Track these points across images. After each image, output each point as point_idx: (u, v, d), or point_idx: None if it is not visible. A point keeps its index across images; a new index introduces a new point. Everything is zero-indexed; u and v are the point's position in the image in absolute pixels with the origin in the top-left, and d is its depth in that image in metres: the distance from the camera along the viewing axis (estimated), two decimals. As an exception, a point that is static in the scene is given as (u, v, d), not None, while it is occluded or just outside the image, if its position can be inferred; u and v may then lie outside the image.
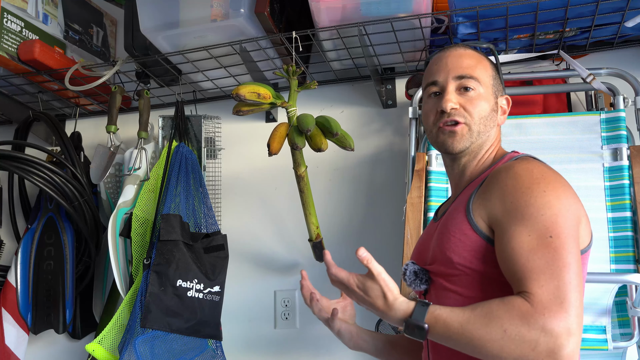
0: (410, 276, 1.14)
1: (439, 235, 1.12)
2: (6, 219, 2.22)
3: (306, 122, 1.58)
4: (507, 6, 1.61)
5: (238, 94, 1.56)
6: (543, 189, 1.00)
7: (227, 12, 1.73)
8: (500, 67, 1.24)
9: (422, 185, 1.70)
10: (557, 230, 0.97)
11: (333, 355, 1.92)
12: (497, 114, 1.20)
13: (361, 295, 1.04)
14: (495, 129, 1.20)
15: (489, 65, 1.21)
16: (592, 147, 1.64)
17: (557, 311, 0.90)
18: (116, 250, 1.80)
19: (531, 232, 0.97)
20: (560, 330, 0.89)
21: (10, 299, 1.97)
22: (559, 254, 0.95)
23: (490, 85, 1.19)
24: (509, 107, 1.24)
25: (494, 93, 1.20)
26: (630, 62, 1.82)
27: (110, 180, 2.08)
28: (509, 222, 1.00)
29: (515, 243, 0.98)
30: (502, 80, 1.24)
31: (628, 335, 1.48)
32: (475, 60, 1.19)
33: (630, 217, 1.55)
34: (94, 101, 2.20)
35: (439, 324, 0.97)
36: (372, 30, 1.74)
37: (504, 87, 1.25)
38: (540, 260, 0.95)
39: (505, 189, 1.03)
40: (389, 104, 2.03)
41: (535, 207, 0.99)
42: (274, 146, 1.62)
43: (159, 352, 1.65)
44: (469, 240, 1.06)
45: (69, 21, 2.08)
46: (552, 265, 0.94)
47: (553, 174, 1.05)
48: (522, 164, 1.06)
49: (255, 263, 2.05)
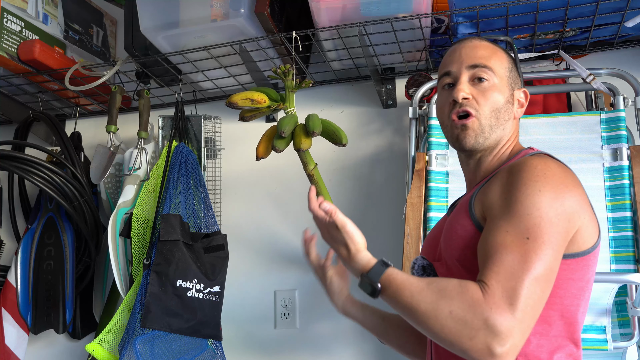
0: (419, 270, 1.13)
1: (445, 232, 1.12)
2: (6, 219, 2.22)
3: (281, 125, 1.57)
4: (507, 6, 1.61)
5: (231, 102, 1.59)
6: (539, 188, 0.97)
7: (227, 12, 1.73)
8: (518, 61, 1.23)
9: (422, 185, 1.70)
10: (536, 233, 0.94)
11: (333, 356, 1.92)
12: (513, 107, 1.16)
13: (328, 239, 1.09)
14: (512, 122, 1.16)
15: (505, 57, 1.18)
16: (592, 147, 1.64)
17: (504, 310, 0.89)
18: (116, 250, 1.80)
19: (511, 230, 0.96)
20: (500, 328, 0.88)
21: (10, 299, 1.97)
22: (528, 258, 0.93)
23: (505, 77, 1.15)
24: (527, 100, 1.19)
25: (509, 85, 1.16)
26: (630, 62, 1.81)
27: (110, 180, 2.08)
28: (497, 215, 0.99)
29: (492, 236, 0.97)
30: (520, 74, 1.21)
31: (628, 335, 1.48)
32: (490, 51, 1.16)
33: (630, 217, 1.55)
34: (94, 101, 2.20)
35: (392, 287, 0.98)
36: (372, 30, 1.74)
37: (522, 80, 1.22)
38: (508, 258, 0.93)
39: (504, 182, 1.02)
40: (389, 104, 2.03)
41: (524, 205, 0.97)
42: (260, 150, 1.65)
43: (159, 352, 1.65)
44: (466, 232, 1.05)
45: (69, 21, 2.08)
46: (516, 267, 0.92)
47: (559, 174, 1.01)
48: (532, 159, 1.03)
49: (255, 263, 2.05)
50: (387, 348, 1.74)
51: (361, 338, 1.90)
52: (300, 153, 1.64)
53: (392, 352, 1.72)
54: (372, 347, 1.89)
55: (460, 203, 1.15)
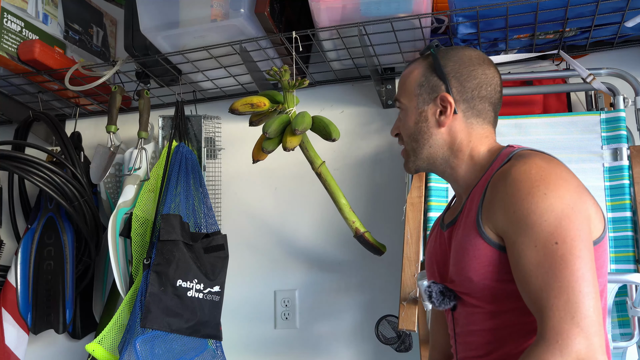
0: (438, 297, 1.11)
1: (455, 254, 1.09)
2: (6, 219, 2.22)
3: (265, 126, 1.59)
4: (507, 6, 1.61)
5: (232, 109, 1.62)
6: (544, 192, 0.96)
7: (227, 12, 1.72)
8: (439, 62, 1.16)
9: (422, 185, 1.70)
10: (562, 234, 0.94)
11: (333, 356, 1.92)
12: (429, 121, 1.15)
13: None
14: (439, 134, 1.15)
15: (417, 74, 1.18)
16: (592, 147, 1.64)
17: (570, 330, 0.88)
18: (116, 250, 1.80)
19: (537, 242, 0.95)
20: (578, 350, 0.88)
21: (10, 299, 1.97)
22: (565, 262, 0.92)
23: (413, 98, 1.17)
24: (447, 102, 1.14)
25: (417, 104, 1.16)
26: (630, 62, 1.81)
27: (110, 180, 2.08)
28: (515, 234, 0.97)
29: (524, 260, 0.96)
30: (442, 76, 1.15)
31: (628, 335, 1.48)
32: (402, 80, 1.21)
33: (630, 217, 1.55)
34: (94, 101, 2.20)
35: None
36: (372, 30, 1.74)
37: (445, 81, 1.14)
38: (547, 274, 0.92)
39: (506, 198, 1.00)
40: (389, 104, 2.03)
41: (538, 213, 0.96)
42: (255, 153, 1.68)
43: (159, 352, 1.65)
44: (483, 255, 1.03)
45: (69, 21, 2.08)
46: (559, 277, 0.91)
47: (553, 170, 1.00)
48: (519, 166, 1.01)
49: (255, 263, 2.05)
50: (387, 348, 1.74)
51: (361, 338, 1.91)
52: (304, 152, 1.64)
53: (392, 352, 1.73)
54: (372, 347, 1.89)
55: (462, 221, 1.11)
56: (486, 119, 1.17)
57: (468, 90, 1.15)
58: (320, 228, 2.02)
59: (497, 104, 1.18)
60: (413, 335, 1.67)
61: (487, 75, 1.16)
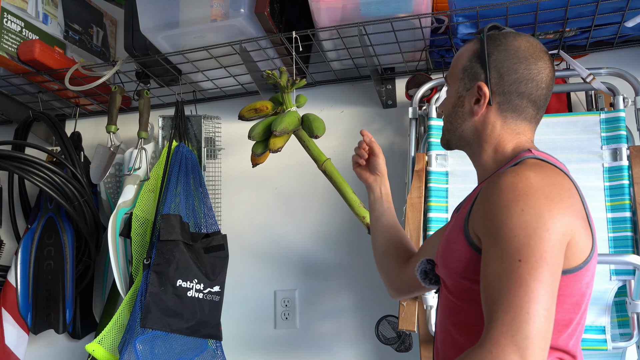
0: (421, 275, 1.16)
1: (443, 241, 1.11)
2: (6, 219, 2.22)
3: (250, 130, 1.62)
4: (507, 6, 1.61)
5: (240, 116, 1.68)
6: (521, 208, 0.94)
7: (227, 12, 1.73)
8: (486, 49, 1.12)
9: (422, 186, 1.70)
10: (527, 253, 0.91)
11: (333, 355, 1.92)
12: (465, 107, 1.14)
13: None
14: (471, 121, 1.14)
15: (466, 56, 1.16)
16: (591, 147, 1.64)
17: (506, 346, 0.87)
18: (116, 250, 1.80)
19: (503, 256, 0.93)
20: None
21: (10, 299, 1.97)
22: (522, 281, 0.90)
23: (456, 80, 1.16)
24: (483, 93, 1.11)
25: (458, 88, 1.16)
26: (630, 62, 1.81)
27: (110, 180, 2.08)
28: (487, 243, 0.97)
29: (488, 269, 0.95)
30: (484, 65, 1.12)
31: (627, 335, 1.48)
32: (454, 59, 1.19)
33: (630, 217, 1.55)
34: (94, 101, 2.20)
35: None
36: (372, 30, 1.74)
37: (486, 71, 1.11)
38: (504, 288, 0.91)
39: (488, 206, 0.99)
40: (389, 104, 2.03)
41: (510, 227, 0.94)
42: (251, 157, 1.69)
43: (159, 352, 1.65)
44: (461, 251, 1.04)
45: (69, 21, 2.08)
46: (512, 293, 0.90)
47: (542, 189, 0.96)
48: (509, 176, 0.99)
49: (255, 263, 2.05)
50: (387, 348, 1.74)
51: (362, 338, 1.91)
52: (308, 151, 1.64)
53: (392, 352, 1.73)
54: (372, 347, 1.89)
55: (460, 212, 1.12)
56: (522, 115, 1.12)
57: (506, 83, 1.11)
58: (320, 228, 2.02)
59: (538, 101, 1.13)
60: (413, 335, 1.67)
61: (531, 71, 1.11)
